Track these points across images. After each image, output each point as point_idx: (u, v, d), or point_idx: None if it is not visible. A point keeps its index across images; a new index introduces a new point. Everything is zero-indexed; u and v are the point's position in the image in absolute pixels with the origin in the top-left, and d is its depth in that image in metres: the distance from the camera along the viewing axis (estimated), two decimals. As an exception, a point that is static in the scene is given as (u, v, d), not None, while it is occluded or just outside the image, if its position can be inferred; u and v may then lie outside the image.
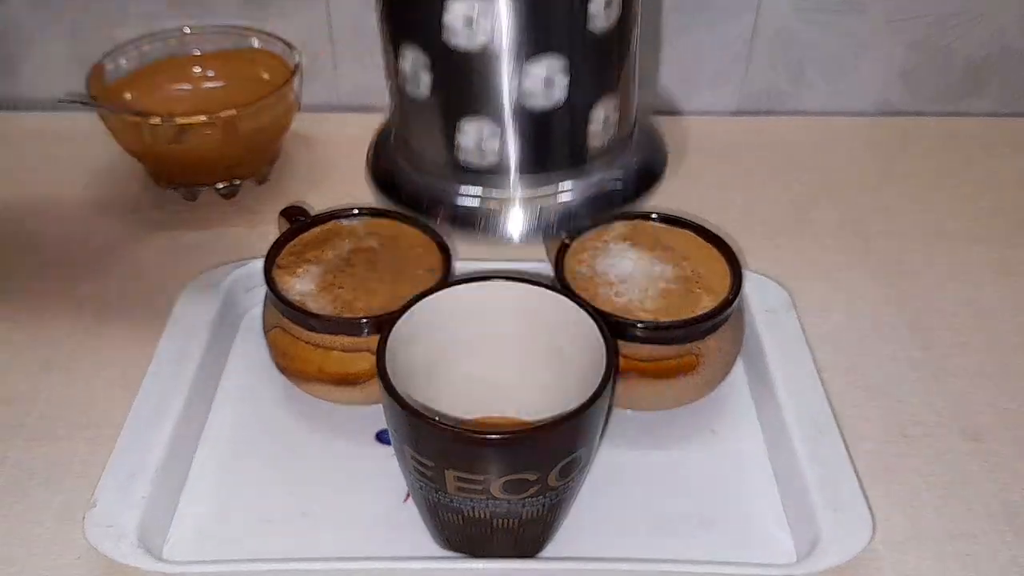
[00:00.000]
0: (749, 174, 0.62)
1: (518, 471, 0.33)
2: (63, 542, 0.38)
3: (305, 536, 0.39)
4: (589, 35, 0.28)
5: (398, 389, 0.34)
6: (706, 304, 0.41)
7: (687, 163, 0.63)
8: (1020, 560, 0.38)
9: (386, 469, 0.40)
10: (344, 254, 0.44)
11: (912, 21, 0.64)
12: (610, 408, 0.43)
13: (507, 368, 0.40)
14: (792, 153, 0.64)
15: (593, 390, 0.34)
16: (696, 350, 0.41)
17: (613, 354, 0.35)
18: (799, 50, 0.65)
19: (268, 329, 0.43)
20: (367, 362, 0.41)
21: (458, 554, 0.38)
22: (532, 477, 0.33)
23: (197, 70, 0.61)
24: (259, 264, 0.44)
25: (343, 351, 0.41)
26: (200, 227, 0.56)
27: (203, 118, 0.53)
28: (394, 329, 0.36)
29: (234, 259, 0.49)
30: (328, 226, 0.46)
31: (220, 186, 0.58)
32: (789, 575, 0.36)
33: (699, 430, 0.43)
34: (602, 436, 0.41)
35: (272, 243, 0.44)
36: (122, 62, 0.58)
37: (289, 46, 0.59)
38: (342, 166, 0.62)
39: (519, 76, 0.28)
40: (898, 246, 0.55)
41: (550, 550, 0.38)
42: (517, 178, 0.32)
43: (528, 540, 0.37)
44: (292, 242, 0.45)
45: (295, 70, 0.57)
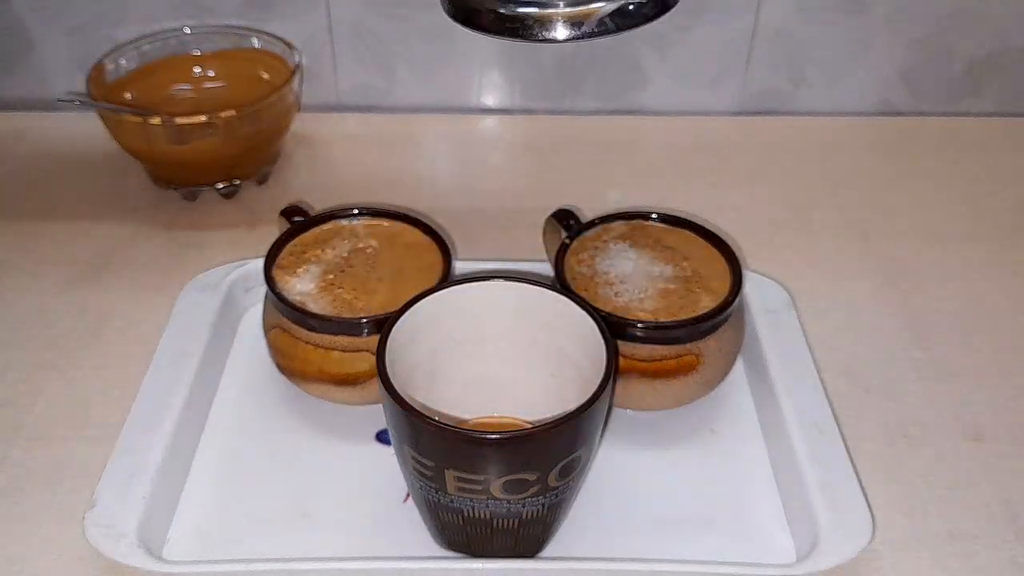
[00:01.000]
0: (749, 174, 0.62)
1: (518, 471, 0.33)
2: (63, 542, 0.38)
3: (305, 536, 0.39)
4: None
5: (398, 389, 0.34)
6: (706, 304, 0.41)
7: (687, 163, 0.63)
8: (1020, 560, 0.38)
9: (386, 469, 0.40)
10: (344, 254, 0.44)
11: (912, 21, 0.64)
12: (610, 408, 0.43)
13: (507, 368, 0.40)
14: (792, 153, 0.64)
15: (593, 390, 0.34)
16: (696, 350, 0.41)
17: (613, 354, 0.35)
18: (799, 50, 0.65)
19: (268, 329, 0.43)
20: (367, 362, 0.41)
21: (458, 554, 0.38)
22: (532, 477, 0.33)
23: (197, 70, 0.61)
24: (259, 264, 0.44)
25: (343, 351, 0.41)
26: (200, 227, 0.56)
27: (203, 118, 0.53)
28: (394, 329, 0.36)
29: (234, 259, 0.49)
30: (328, 226, 0.46)
31: (220, 186, 0.58)
32: (789, 575, 0.36)
33: (699, 430, 0.43)
34: (602, 436, 0.41)
35: (272, 243, 0.44)
36: (122, 62, 0.58)
37: (289, 46, 0.60)
38: (342, 166, 0.62)
39: None
40: (898, 246, 0.55)
41: (550, 550, 0.38)
42: None
43: (528, 540, 0.37)
44: (292, 242, 0.45)
45: (295, 70, 0.57)
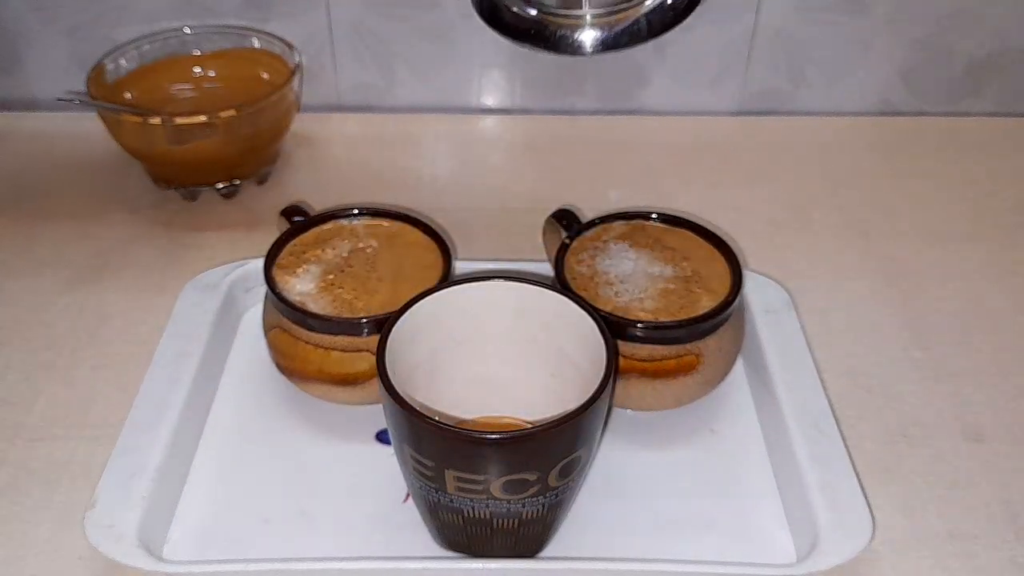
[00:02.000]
0: (749, 174, 0.62)
1: (518, 471, 0.33)
2: (63, 542, 0.38)
3: (305, 536, 0.39)
4: None
5: (398, 389, 0.34)
6: (706, 304, 0.41)
7: (687, 163, 0.63)
8: (1020, 560, 0.38)
9: (386, 469, 0.40)
10: (344, 254, 0.44)
11: (912, 21, 0.64)
12: (610, 408, 0.43)
13: (507, 368, 0.40)
14: (792, 153, 0.64)
15: (593, 390, 0.34)
16: (696, 350, 0.41)
17: (613, 354, 0.35)
18: (799, 50, 0.65)
19: (268, 329, 0.43)
20: (367, 362, 0.41)
21: (458, 554, 0.38)
22: (532, 477, 0.33)
23: (197, 70, 0.61)
24: (259, 264, 0.44)
25: (343, 351, 0.41)
26: (200, 227, 0.56)
27: (203, 118, 0.53)
28: (394, 329, 0.36)
29: (234, 259, 0.49)
30: (328, 226, 0.46)
31: (220, 186, 0.58)
32: (789, 575, 0.36)
33: (699, 430, 0.43)
34: (602, 436, 0.41)
35: (272, 243, 0.44)
36: (122, 62, 0.58)
37: (289, 46, 0.60)
38: (342, 166, 0.62)
39: None
40: (898, 246, 0.55)
41: (550, 550, 0.38)
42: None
43: (528, 540, 0.37)
44: (292, 242, 0.45)
45: (295, 70, 0.57)
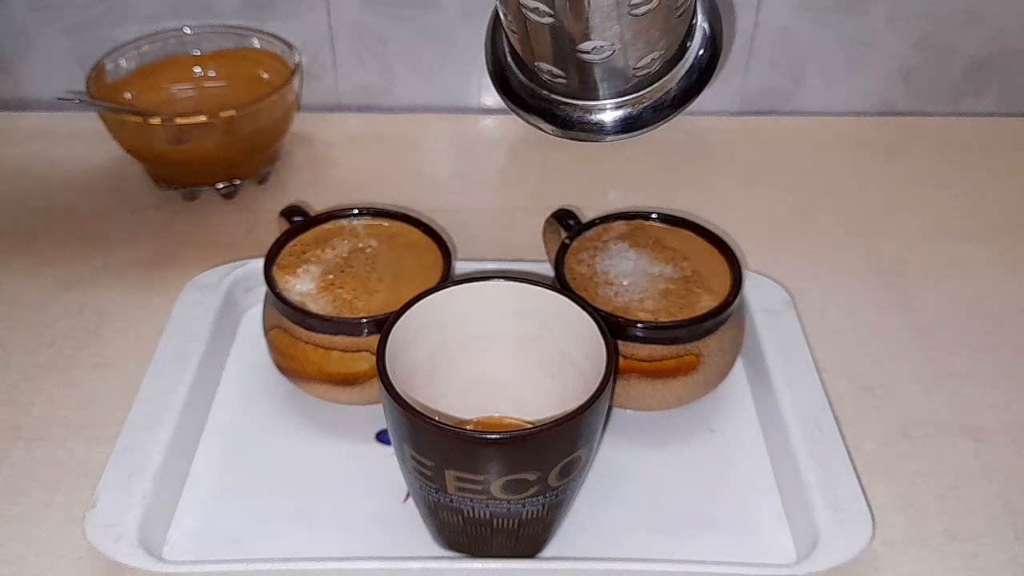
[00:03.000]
0: (750, 174, 0.62)
1: (518, 471, 0.33)
2: (63, 542, 0.38)
3: (305, 536, 0.39)
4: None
5: (398, 389, 0.34)
6: (706, 304, 0.41)
7: (687, 163, 0.63)
8: (1020, 560, 0.38)
9: (386, 469, 0.40)
10: (344, 254, 0.44)
11: (913, 21, 0.64)
12: (610, 408, 0.43)
13: (507, 368, 0.40)
14: (793, 153, 0.64)
15: (593, 390, 0.34)
16: (696, 350, 0.41)
17: (613, 354, 0.35)
18: (800, 50, 0.65)
19: (268, 329, 0.43)
20: (367, 362, 0.41)
21: (458, 554, 0.38)
22: (532, 477, 0.33)
23: (197, 70, 0.61)
24: (259, 264, 0.44)
25: (343, 351, 0.41)
26: (200, 227, 0.56)
27: (203, 118, 0.53)
28: (394, 329, 0.36)
29: (234, 259, 0.49)
30: (328, 226, 0.46)
31: (220, 186, 0.58)
32: (788, 575, 0.36)
33: (699, 430, 0.43)
34: (602, 436, 0.41)
35: (272, 243, 0.44)
36: (122, 62, 0.58)
37: (289, 46, 0.60)
38: (342, 166, 0.62)
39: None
40: (898, 246, 0.55)
41: (550, 550, 0.38)
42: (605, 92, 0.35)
43: (528, 540, 0.37)
44: (292, 242, 0.45)
45: (295, 70, 0.57)
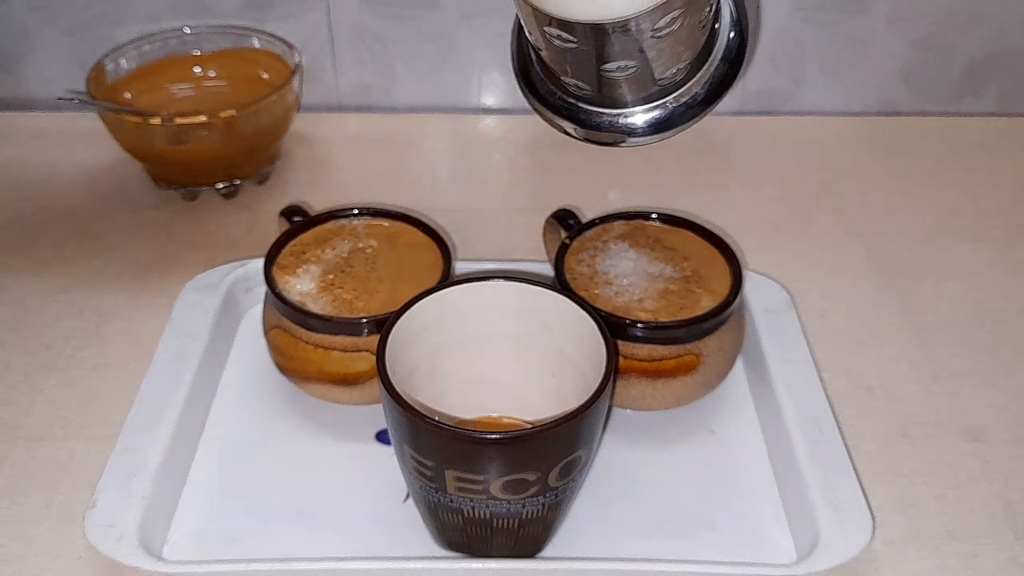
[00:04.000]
0: (750, 174, 0.62)
1: (518, 471, 0.33)
2: (63, 542, 0.38)
3: (305, 536, 0.39)
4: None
5: (398, 389, 0.34)
6: (706, 304, 0.41)
7: (687, 163, 0.63)
8: (1020, 560, 0.38)
9: (386, 469, 0.40)
10: (344, 254, 0.44)
11: (913, 21, 0.64)
12: (610, 408, 0.43)
13: (507, 368, 0.40)
14: (793, 153, 0.64)
15: (593, 390, 0.34)
16: (696, 350, 0.41)
17: (613, 354, 0.35)
18: (800, 50, 0.65)
19: (268, 329, 0.43)
20: (367, 362, 0.41)
21: (458, 554, 0.38)
22: (532, 477, 0.33)
23: (197, 70, 0.61)
24: (259, 264, 0.44)
25: (343, 351, 0.41)
26: (200, 227, 0.56)
27: (203, 118, 0.53)
28: (394, 329, 0.36)
29: (234, 259, 0.49)
30: (328, 226, 0.46)
31: (220, 186, 0.58)
32: (789, 575, 0.36)
33: (699, 430, 0.43)
34: (602, 436, 0.41)
35: (272, 243, 0.44)
36: (122, 62, 0.58)
37: (289, 46, 0.60)
38: (342, 166, 0.62)
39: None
40: (898, 246, 0.55)
41: (550, 550, 0.38)
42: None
43: (528, 540, 0.37)
44: (292, 242, 0.45)
45: (295, 70, 0.57)
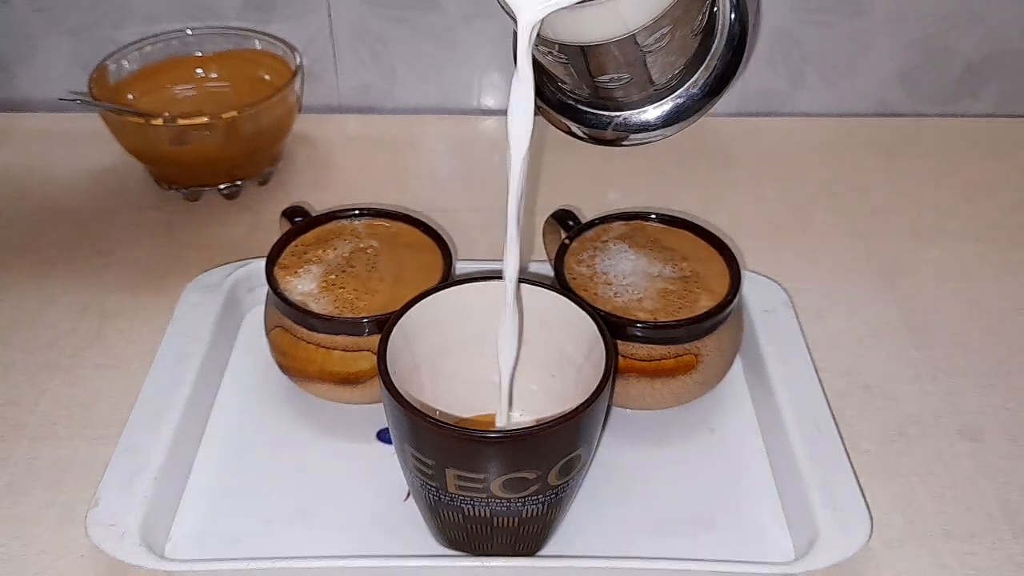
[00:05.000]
0: (748, 175, 0.62)
1: (518, 470, 0.33)
2: (66, 541, 0.38)
3: (306, 534, 0.39)
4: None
5: (399, 388, 0.34)
6: (705, 304, 0.42)
7: (686, 164, 0.63)
8: (1017, 559, 0.38)
9: (387, 468, 0.40)
10: (345, 254, 0.45)
11: (911, 22, 0.64)
12: (609, 407, 0.43)
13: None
14: (791, 154, 0.64)
15: (593, 389, 0.34)
16: (695, 350, 0.41)
17: (612, 353, 0.35)
18: (798, 51, 0.65)
19: (270, 329, 0.43)
20: (368, 361, 0.41)
21: (458, 553, 0.38)
22: (532, 476, 0.33)
23: (199, 71, 0.61)
24: (261, 264, 0.44)
25: (344, 351, 0.41)
26: (202, 228, 0.56)
27: (205, 119, 0.53)
28: (395, 329, 0.36)
29: (236, 259, 0.49)
30: (329, 226, 0.46)
31: (222, 187, 0.58)
32: (787, 573, 0.36)
33: (698, 429, 0.44)
34: (601, 435, 0.41)
35: (274, 243, 0.44)
36: (125, 63, 0.59)
37: (291, 48, 0.60)
38: (343, 167, 0.62)
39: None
40: (896, 246, 0.56)
41: (550, 548, 0.38)
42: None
43: (528, 538, 0.37)
44: (294, 242, 0.45)
45: (296, 71, 0.57)
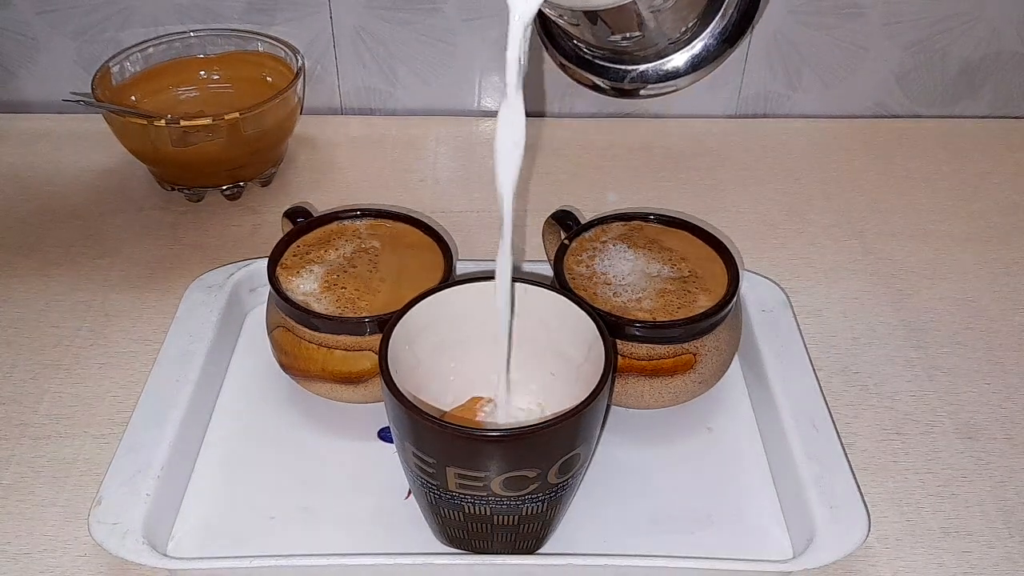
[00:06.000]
0: (746, 176, 0.62)
1: (518, 468, 0.33)
2: (69, 539, 0.39)
3: (308, 532, 0.39)
4: None
5: (400, 387, 0.34)
6: (703, 304, 0.42)
7: (685, 165, 0.63)
8: (1014, 556, 0.39)
9: (388, 466, 0.41)
10: (347, 254, 0.45)
11: (908, 24, 0.64)
12: (609, 406, 0.43)
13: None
14: (789, 155, 0.64)
15: (592, 389, 0.34)
16: (693, 349, 0.41)
17: (612, 353, 0.36)
18: (796, 53, 0.66)
19: (272, 328, 0.44)
20: (369, 361, 0.41)
21: (459, 550, 0.38)
22: (532, 474, 0.34)
23: (202, 73, 0.61)
24: (263, 264, 0.44)
25: (346, 350, 0.41)
26: (204, 228, 0.56)
27: (208, 120, 0.53)
28: (396, 328, 0.37)
29: (238, 259, 0.50)
30: (331, 227, 0.46)
31: (224, 188, 0.58)
32: (785, 571, 0.36)
33: (696, 428, 0.44)
34: (601, 434, 0.41)
35: (276, 244, 0.45)
36: (127, 65, 0.59)
37: (293, 50, 0.60)
38: (345, 168, 0.63)
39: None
40: (893, 246, 0.56)
41: (550, 546, 0.39)
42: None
43: (528, 536, 0.37)
44: (295, 243, 0.45)
45: (298, 73, 0.58)
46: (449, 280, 0.43)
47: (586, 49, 0.36)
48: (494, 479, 0.33)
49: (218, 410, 0.44)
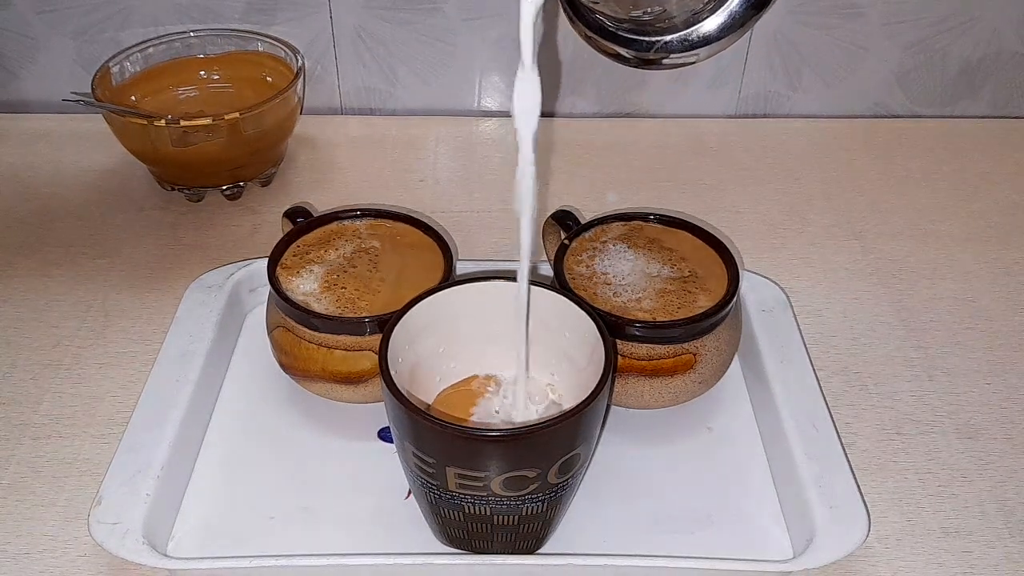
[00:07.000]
0: (746, 176, 0.62)
1: (518, 468, 0.33)
2: (69, 539, 0.39)
3: (308, 532, 0.39)
4: None
5: (400, 387, 0.34)
6: (703, 304, 0.42)
7: (685, 165, 0.63)
8: (1014, 556, 0.39)
9: (388, 466, 0.41)
10: (347, 254, 0.45)
11: (908, 24, 0.64)
12: (609, 406, 0.43)
13: (507, 368, 0.41)
14: (789, 155, 0.64)
15: (592, 388, 0.34)
16: (693, 349, 0.41)
17: (612, 353, 0.36)
18: (796, 53, 0.66)
19: (272, 328, 0.44)
20: (369, 361, 0.41)
21: (459, 550, 0.38)
22: (532, 474, 0.34)
23: (202, 73, 0.61)
24: (263, 264, 0.44)
25: (346, 350, 0.41)
26: (204, 228, 0.56)
27: (208, 120, 0.53)
28: (396, 328, 0.37)
29: (238, 259, 0.50)
30: (331, 227, 0.46)
31: (224, 188, 0.58)
32: (785, 571, 0.36)
33: (696, 428, 0.44)
34: (601, 433, 0.41)
35: (276, 244, 0.45)
36: (127, 65, 0.59)
37: (293, 50, 0.60)
38: (345, 168, 0.63)
39: None
40: (893, 246, 0.56)
41: (550, 546, 0.39)
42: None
43: (528, 536, 0.37)
44: (295, 243, 0.45)
45: (298, 73, 0.58)
46: (449, 280, 0.43)
47: (609, 23, 0.36)
48: (494, 479, 0.33)
49: (218, 410, 0.44)
